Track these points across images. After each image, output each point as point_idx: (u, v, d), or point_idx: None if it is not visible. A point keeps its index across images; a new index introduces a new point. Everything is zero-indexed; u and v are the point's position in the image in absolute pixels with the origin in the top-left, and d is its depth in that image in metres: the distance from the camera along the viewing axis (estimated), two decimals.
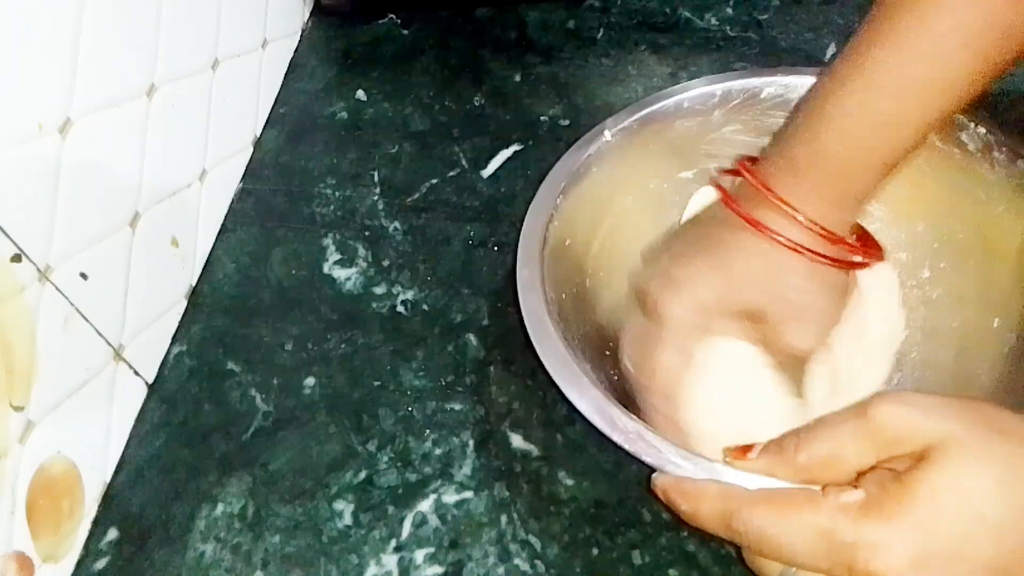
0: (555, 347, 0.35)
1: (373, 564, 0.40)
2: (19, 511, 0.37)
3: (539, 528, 0.40)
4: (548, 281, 0.38)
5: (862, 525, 0.27)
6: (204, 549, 0.41)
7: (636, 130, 0.44)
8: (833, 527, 0.27)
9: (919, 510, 0.26)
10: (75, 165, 0.41)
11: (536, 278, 0.38)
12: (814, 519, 0.27)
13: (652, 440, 0.32)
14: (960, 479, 0.26)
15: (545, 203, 0.41)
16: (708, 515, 0.30)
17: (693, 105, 0.44)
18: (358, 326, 0.50)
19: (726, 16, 0.65)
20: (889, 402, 0.28)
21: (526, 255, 0.39)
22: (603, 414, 0.33)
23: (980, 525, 0.26)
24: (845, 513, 0.27)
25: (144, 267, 0.47)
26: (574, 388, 0.34)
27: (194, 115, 0.53)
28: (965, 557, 0.26)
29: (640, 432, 0.32)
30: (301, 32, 0.70)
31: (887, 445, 0.28)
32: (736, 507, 0.29)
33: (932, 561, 0.26)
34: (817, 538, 0.27)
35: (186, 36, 0.51)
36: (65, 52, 0.40)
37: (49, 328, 0.39)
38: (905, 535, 0.26)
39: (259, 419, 0.46)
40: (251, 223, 0.56)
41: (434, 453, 0.44)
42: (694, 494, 0.30)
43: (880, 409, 0.28)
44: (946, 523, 0.26)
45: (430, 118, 0.62)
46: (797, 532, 0.28)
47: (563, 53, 0.65)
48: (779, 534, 0.28)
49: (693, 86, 0.44)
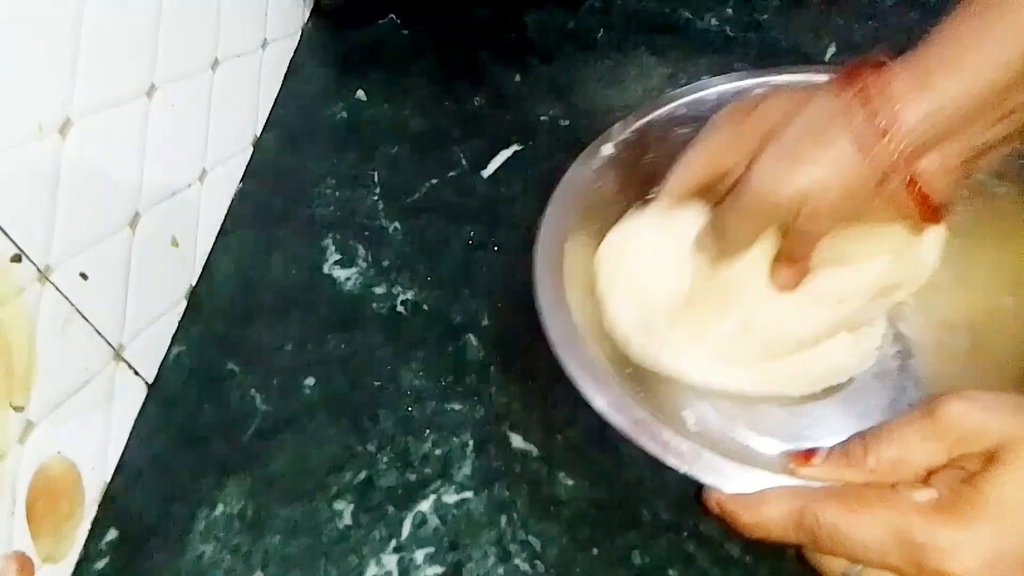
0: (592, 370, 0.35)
1: (373, 564, 0.40)
2: (19, 511, 0.37)
3: (539, 528, 0.40)
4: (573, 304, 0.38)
5: (935, 526, 0.27)
6: (204, 550, 0.41)
7: (635, 141, 0.44)
8: (906, 526, 0.27)
9: (992, 513, 0.26)
10: (75, 165, 0.41)
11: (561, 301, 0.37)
12: (887, 516, 0.27)
13: (709, 460, 0.31)
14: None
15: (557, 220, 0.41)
16: (774, 518, 0.30)
17: (689, 111, 0.44)
18: (358, 327, 0.50)
19: (726, 17, 0.65)
20: (956, 400, 0.28)
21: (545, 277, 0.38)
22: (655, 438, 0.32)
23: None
24: (919, 512, 0.27)
25: (144, 267, 0.47)
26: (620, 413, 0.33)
27: (194, 115, 0.53)
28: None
29: (697, 452, 0.32)
30: (301, 33, 0.70)
31: (956, 444, 0.28)
32: (806, 504, 0.29)
33: (1004, 563, 0.26)
34: (889, 535, 0.27)
35: (186, 36, 0.51)
36: (65, 52, 0.40)
37: (49, 328, 0.39)
38: (978, 538, 0.26)
39: (259, 420, 0.46)
40: (251, 224, 0.56)
41: (434, 453, 0.44)
42: (756, 502, 0.30)
43: (948, 408, 0.28)
44: (1019, 526, 0.26)
45: (430, 119, 0.62)
46: (869, 529, 0.28)
47: (563, 54, 0.65)
48: (851, 530, 0.28)
49: (685, 93, 0.45)
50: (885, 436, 0.29)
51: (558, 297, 0.38)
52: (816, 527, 0.29)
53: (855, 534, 0.28)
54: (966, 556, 0.26)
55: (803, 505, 0.29)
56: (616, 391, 0.34)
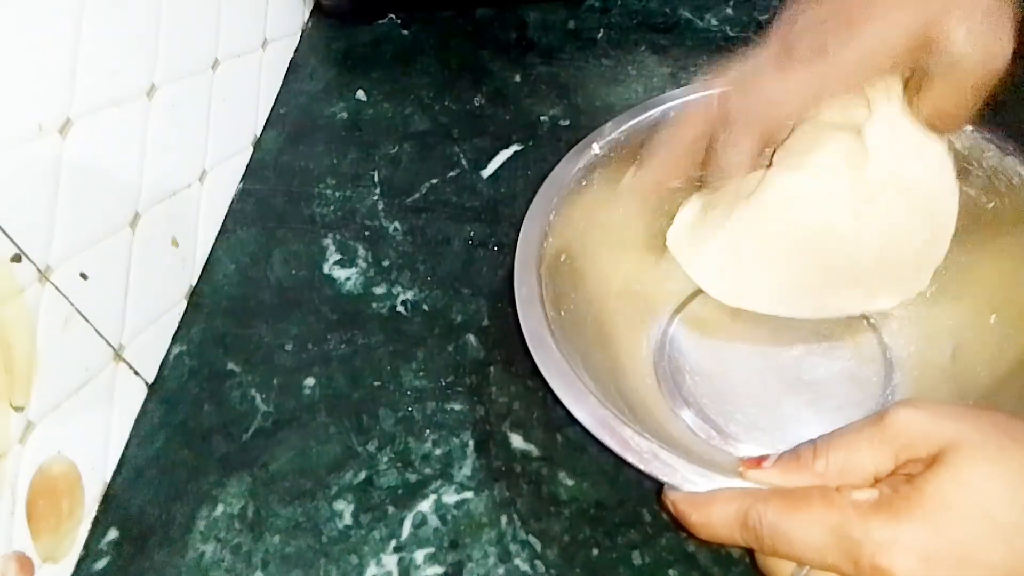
0: (559, 367, 0.35)
1: (373, 564, 0.40)
2: (19, 511, 0.37)
3: (539, 528, 0.40)
4: (548, 299, 0.38)
5: (872, 522, 0.27)
6: (204, 549, 0.41)
7: (624, 142, 0.44)
8: (844, 523, 0.27)
9: (929, 510, 0.26)
10: (75, 165, 0.41)
11: (535, 297, 0.38)
12: (826, 514, 0.28)
13: (667, 459, 0.32)
14: (971, 481, 0.26)
15: (539, 218, 0.41)
16: (721, 519, 0.30)
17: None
18: (358, 326, 0.50)
19: (726, 16, 0.65)
20: (904, 407, 0.28)
21: (523, 272, 0.39)
22: (615, 435, 0.33)
23: (991, 527, 0.26)
24: (857, 510, 0.27)
25: (144, 267, 0.47)
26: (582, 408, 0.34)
27: (194, 115, 0.53)
28: (975, 559, 0.26)
29: (655, 451, 0.32)
30: (301, 32, 0.70)
31: (903, 450, 0.28)
32: (750, 504, 0.29)
33: (940, 561, 0.26)
34: (827, 533, 0.27)
35: (186, 36, 0.51)
36: (65, 52, 0.40)
37: (49, 328, 0.39)
38: (914, 533, 0.26)
39: (259, 419, 0.46)
40: (251, 223, 0.56)
41: (434, 453, 0.44)
42: (705, 501, 0.30)
43: (896, 415, 0.28)
44: (956, 524, 0.26)
45: (430, 118, 0.62)
46: (809, 528, 0.28)
47: (563, 54, 0.65)
48: (792, 530, 0.28)
49: (677, 95, 0.45)
50: (835, 442, 0.30)
51: (532, 294, 0.38)
52: (759, 527, 0.29)
53: (795, 533, 0.28)
54: (901, 551, 0.26)
55: (748, 505, 0.29)
56: (581, 388, 0.35)
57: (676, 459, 0.32)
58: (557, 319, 0.38)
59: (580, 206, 0.43)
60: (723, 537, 0.30)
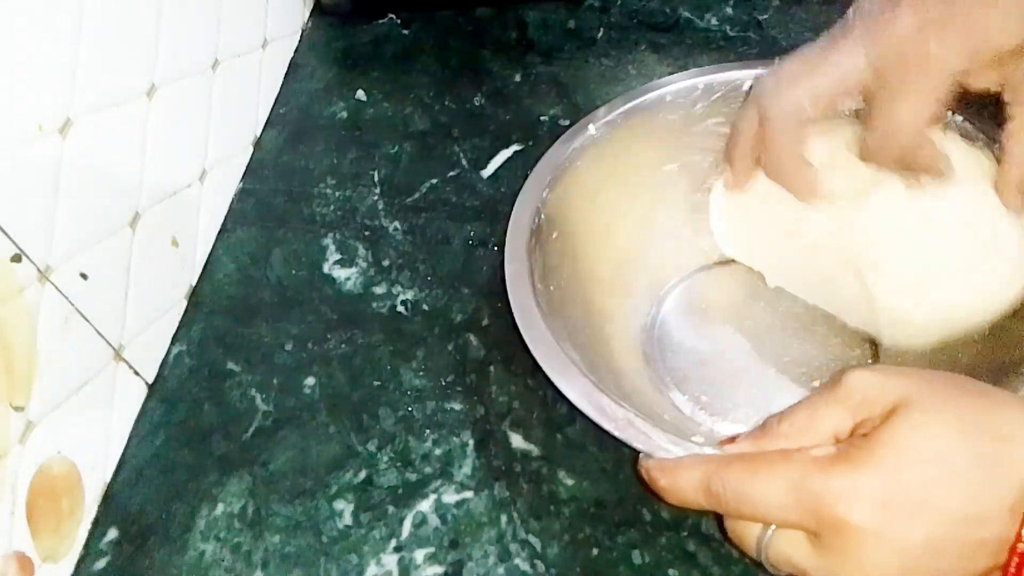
0: (543, 337, 0.36)
1: (373, 564, 0.40)
2: (19, 511, 0.37)
3: (539, 528, 0.40)
4: (537, 273, 0.39)
5: (830, 474, 0.27)
6: (204, 549, 0.41)
7: (620, 124, 0.44)
8: (803, 478, 0.28)
9: (884, 458, 0.27)
10: (75, 165, 0.41)
11: (524, 271, 0.39)
12: (786, 471, 0.28)
13: (642, 427, 0.32)
14: (924, 429, 0.27)
15: (532, 197, 0.42)
16: (687, 484, 0.30)
17: (675, 99, 0.45)
18: (358, 326, 0.50)
19: (726, 16, 0.65)
20: (858, 370, 0.30)
21: (514, 248, 0.40)
22: (592, 401, 0.34)
23: (945, 471, 0.26)
24: (815, 463, 0.28)
25: (144, 267, 0.47)
26: (562, 377, 0.35)
27: (194, 115, 0.53)
28: (932, 502, 0.26)
29: (630, 419, 0.33)
30: (301, 32, 0.70)
31: (859, 408, 0.29)
32: (714, 469, 0.30)
33: (898, 506, 0.26)
34: (788, 489, 0.28)
35: (186, 36, 0.51)
36: (65, 52, 0.40)
37: (49, 328, 0.39)
38: (871, 480, 0.27)
39: (259, 419, 0.46)
40: (251, 223, 0.56)
41: (434, 453, 0.44)
42: (672, 467, 0.31)
43: (850, 376, 0.30)
44: (911, 470, 0.27)
45: (430, 118, 0.62)
46: (769, 485, 0.28)
47: (563, 53, 0.65)
48: (753, 490, 0.29)
49: (675, 80, 0.45)
50: (796, 407, 0.31)
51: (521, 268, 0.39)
52: (722, 490, 0.29)
53: (756, 493, 0.28)
54: (858, 499, 0.27)
55: (712, 470, 0.30)
56: (564, 359, 0.35)
57: (650, 427, 0.32)
58: (546, 293, 0.39)
59: (574, 185, 0.43)
60: (690, 501, 0.31)
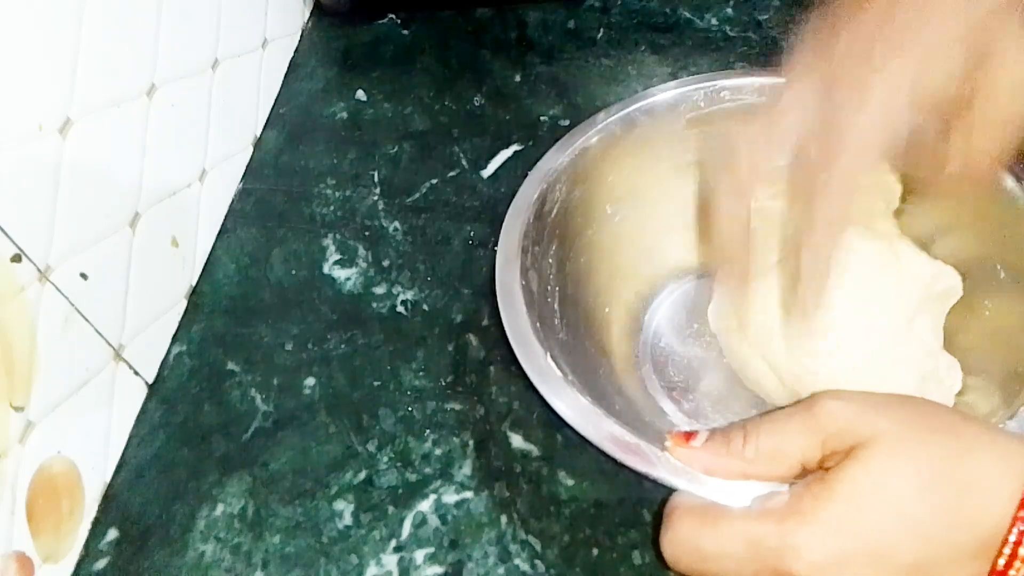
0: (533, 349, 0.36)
1: (373, 564, 0.40)
2: (19, 511, 0.37)
3: (539, 528, 0.40)
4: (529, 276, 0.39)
5: (785, 527, 0.26)
6: (204, 549, 0.41)
7: (617, 130, 0.44)
8: (759, 533, 0.27)
9: (838, 509, 0.26)
10: (75, 165, 0.41)
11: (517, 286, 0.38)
12: (742, 527, 0.27)
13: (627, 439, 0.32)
14: (882, 478, 0.26)
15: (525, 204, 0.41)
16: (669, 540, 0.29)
17: (675, 104, 0.45)
18: (358, 326, 0.50)
19: (726, 16, 0.65)
20: (833, 398, 0.28)
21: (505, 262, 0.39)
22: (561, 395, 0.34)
23: (902, 525, 0.25)
24: (771, 517, 0.27)
25: (144, 267, 0.47)
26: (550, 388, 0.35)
27: (194, 115, 0.53)
28: (886, 556, 0.25)
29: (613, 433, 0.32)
30: (301, 32, 0.70)
31: (829, 439, 0.28)
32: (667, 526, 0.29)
33: (851, 560, 0.25)
34: (745, 547, 0.27)
35: (186, 36, 0.51)
36: (65, 52, 0.40)
37: (49, 328, 0.39)
38: (824, 534, 0.26)
39: (259, 419, 0.46)
40: (251, 223, 0.56)
41: (434, 453, 0.44)
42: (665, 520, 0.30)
43: (824, 405, 0.28)
44: (866, 522, 0.26)
45: (430, 118, 0.62)
46: (726, 543, 0.27)
47: (563, 53, 0.65)
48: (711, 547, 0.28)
49: (674, 86, 0.45)
50: (765, 427, 0.29)
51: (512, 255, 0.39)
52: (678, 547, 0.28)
53: (713, 550, 0.27)
54: (811, 553, 0.26)
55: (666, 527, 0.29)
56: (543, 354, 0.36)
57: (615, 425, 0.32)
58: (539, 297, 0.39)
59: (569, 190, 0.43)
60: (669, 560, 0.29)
